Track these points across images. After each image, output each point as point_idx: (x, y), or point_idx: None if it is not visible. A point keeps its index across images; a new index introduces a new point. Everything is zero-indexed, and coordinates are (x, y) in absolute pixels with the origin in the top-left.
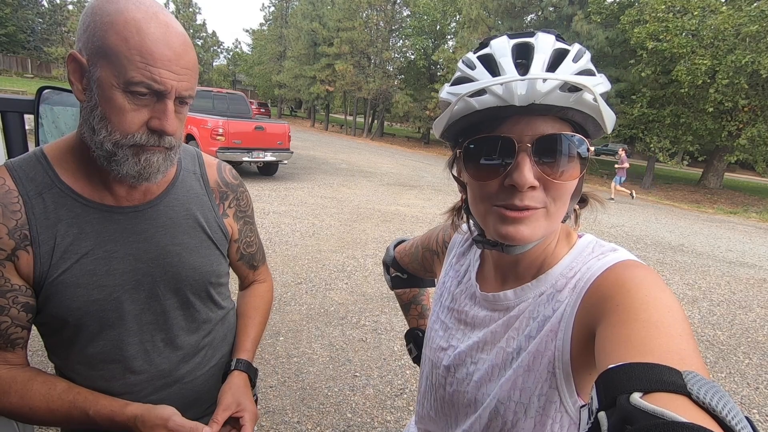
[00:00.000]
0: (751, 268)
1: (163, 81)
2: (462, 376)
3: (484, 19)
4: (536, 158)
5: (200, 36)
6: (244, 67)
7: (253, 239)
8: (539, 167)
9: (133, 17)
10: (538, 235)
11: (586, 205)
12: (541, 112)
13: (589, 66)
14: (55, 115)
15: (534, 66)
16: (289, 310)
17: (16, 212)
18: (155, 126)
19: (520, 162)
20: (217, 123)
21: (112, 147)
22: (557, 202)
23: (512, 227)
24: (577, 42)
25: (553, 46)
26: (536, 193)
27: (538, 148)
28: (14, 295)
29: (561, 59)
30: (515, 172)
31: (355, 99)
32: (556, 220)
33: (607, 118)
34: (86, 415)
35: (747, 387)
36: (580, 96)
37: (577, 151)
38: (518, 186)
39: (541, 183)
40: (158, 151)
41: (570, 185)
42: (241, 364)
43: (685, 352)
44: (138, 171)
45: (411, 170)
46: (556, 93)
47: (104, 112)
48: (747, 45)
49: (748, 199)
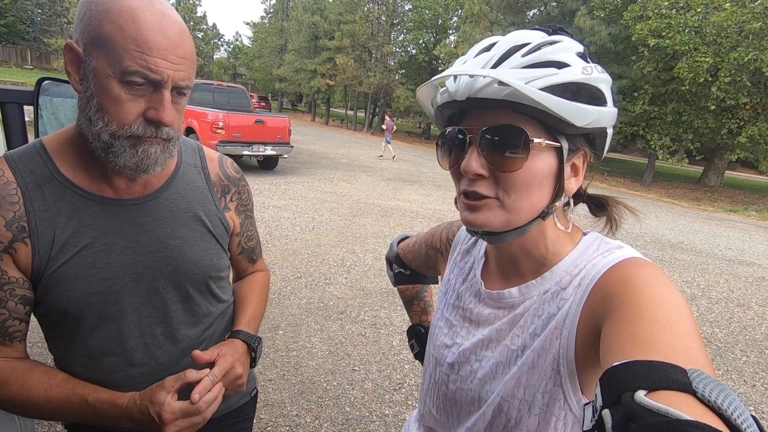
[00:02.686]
0: (749, 266)
1: (159, 70)
2: (466, 373)
3: (486, 14)
4: (483, 149)
5: (200, 28)
6: (245, 60)
7: (253, 233)
8: (486, 157)
9: (129, 6)
10: (493, 223)
11: (605, 211)
12: (493, 105)
13: (551, 57)
14: (55, 107)
15: (473, 62)
16: (289, 304)
17: (14, 204)
18: (152, 116)
19: (470, 152)
20: (217, 116)
21: (109, 138)
22: (510, 192)
23: (469, 214)
24: (579, 37)
25: (517, 41)
26: (486, 182)
27: (484, 138)
28: (11, 287)
29: (511, 54)
30: (464, 161)
31: (356, 93)
32: (517, 211)
33: (560, 111)
34: (85, 402)
35: (744, 384)
36: (512, 91)
37: (515, 142)
38: (464, 173)
39: (490, 173)
40: (156, 143)
41: (518, 176)
42: (237, 334)
43: (691, 350)
44: (135, 162)
45: (411, 165)
46: (492, 87)
47: (101, 102)
48: (750, 42)
49: (749, 198)
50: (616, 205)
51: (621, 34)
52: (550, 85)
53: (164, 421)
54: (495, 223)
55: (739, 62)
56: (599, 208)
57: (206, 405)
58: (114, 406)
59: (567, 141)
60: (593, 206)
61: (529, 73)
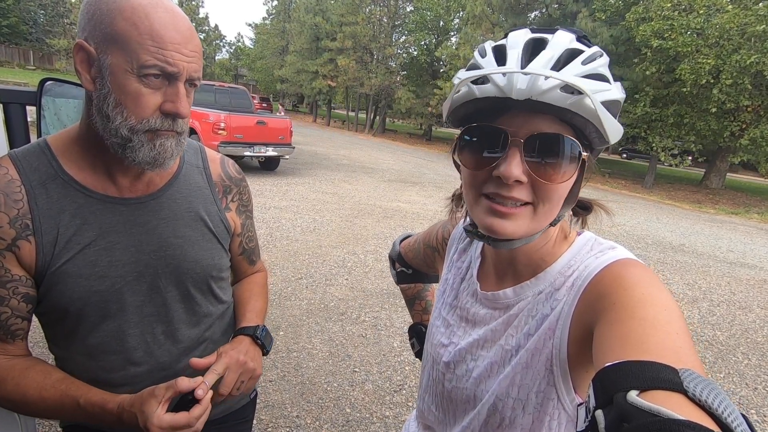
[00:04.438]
0: (751, 268)
1: (175, 63)
2: (461, 372)
3: (488, 15)
4: (527, 155)
5: (203, 30)
6: (246, 61)
7: (253, 234)
8: (529, 164)
9: (140, 3)
10: (521, 232)
11: (589, 212)
12: (540, 109)
13: (601, 71)
14: (58, 107)
15: (537, 61)
16: (289, 305)
17: (18, 201)
18: (169, 109)
19: (510, 155)
20: (219, 117)
21: (128, 133)
22: (545, 202)
23: (497, 220)
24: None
25: (567, 45)
26: (523, 189)
27: (530, 144)
28: (14, 285)
29: (570, 59)
30: (503, 164)
31: (357, 94)
32: (543, 221)
33: (608, 127)
34: (77, 404)
35: (746, 387)
36: (579, 99)
37: (570, 154)
38: (504, 178)
39: (530, 180)
40: (171, 136)
41: (559, 187)
42: (239, 331)
43: (682, 350)
44: (153, 156)
45: (413, 167)
46: (556, 92)
47: (118, 98)
48: (752, 45)
49: (750, 200)
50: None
51: (622, 36)
52: (607, 101)
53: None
54: (521, 232)
55: (741, 65)
56: (583, 209)
57: (196, 419)
58: (104, 410)
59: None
60: (578, 208)
61: (592, 85)
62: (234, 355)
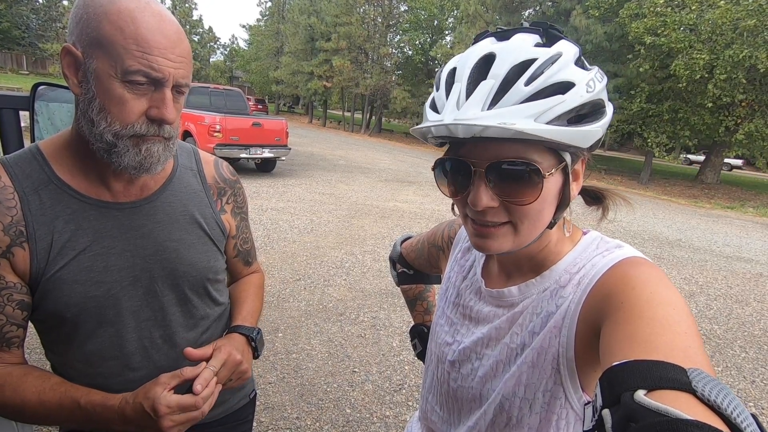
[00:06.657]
0: (747, 262)
1: (160, 68)
2: (467, 371)
3: (482, 14)
4: (491, 182)
5: (197, 32)
6: (241, 63)
7: (249, 235)
8: (496, 190)
9: (126, 7)
10: (506, 248)
11: (602, 203)
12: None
13: (555, 78)
14: (51, 112)
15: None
16: (288, 306)
17: (11, 208)
18: (154, 115)
19: (476, 184)
20: (214, 119)
21: (112, 138)
22: (524, 220)
23: (481, 240)
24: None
25: (517, 59)
26: (498, 211)
27: (492, 172)
28: (9, 292)
29: (515, 80)
30: (471, 193)
31: (353, 95)
32: (528, 235)
33: (568, 139)
34: (77, 405)
35: (743, 380)
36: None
37: (530, 177)
38: (474, 207)
39: (501, 203)
40: (158, 141)
41: (531, 207)
42: (233, 329)
43: (690, 350)
44: (139, 161)
45: (409, 166)
46: (494, 129)
47: (102, 103)
48: (745, 39)
49: (745, 195)
50: (612, 196)
51: (616, 32)
52: (558, 116)
53: (160, 415)
54: (506, 247)
55: (734, 59)
56: (594, 199)
57: (204, 400)
58: (105, 407)
59: (569, 154)
60: (588, 198)
61: (535, 108)
62: (230, 351)
